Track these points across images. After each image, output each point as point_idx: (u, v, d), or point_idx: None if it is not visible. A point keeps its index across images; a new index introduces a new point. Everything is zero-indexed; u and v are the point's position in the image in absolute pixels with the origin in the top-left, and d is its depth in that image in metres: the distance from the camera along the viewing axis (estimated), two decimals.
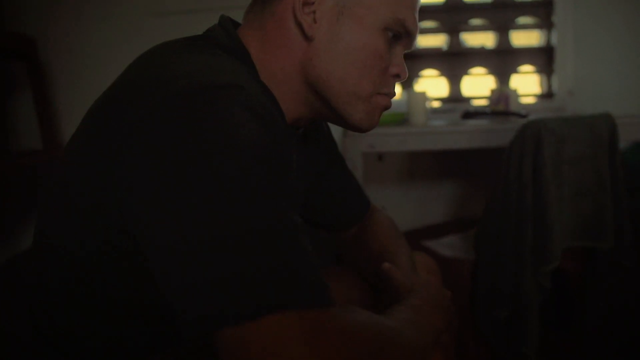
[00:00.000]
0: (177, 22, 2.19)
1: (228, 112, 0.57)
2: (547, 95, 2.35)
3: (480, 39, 2.40)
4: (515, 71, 2.36)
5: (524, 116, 1.81)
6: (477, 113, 1.96)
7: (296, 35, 0.75)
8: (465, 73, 2.37)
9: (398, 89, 2.27)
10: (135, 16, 2.24)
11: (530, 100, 2.36)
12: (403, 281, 0.85)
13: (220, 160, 0.54)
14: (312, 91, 0.78)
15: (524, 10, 2.35)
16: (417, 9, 0.80)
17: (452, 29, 2.36)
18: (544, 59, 2.34)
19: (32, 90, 2.12)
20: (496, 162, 1.57)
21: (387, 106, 0.82)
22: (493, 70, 2.37)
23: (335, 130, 1.10)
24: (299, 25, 0.74)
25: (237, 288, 0.50)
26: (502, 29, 2.35)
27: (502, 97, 1.96)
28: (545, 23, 2.32)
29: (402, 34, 0.79)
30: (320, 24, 0.74)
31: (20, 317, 0.81)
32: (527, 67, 2.36)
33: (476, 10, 2.36)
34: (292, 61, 0.76)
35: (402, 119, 1.94)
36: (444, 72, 2.38)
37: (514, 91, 1.97)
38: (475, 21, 2.37)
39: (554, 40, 2.28)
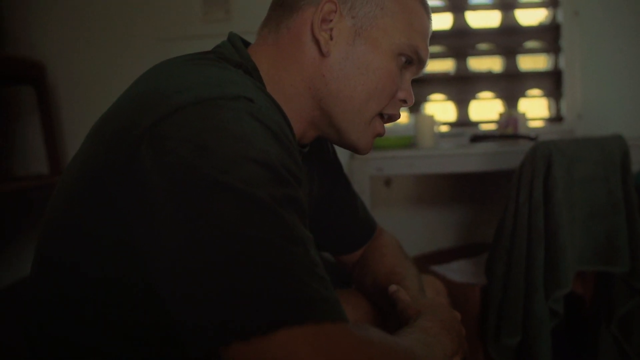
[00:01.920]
0: (186, 48, 2.21)
1: (237, 123, 0.56)
2: (556, 119, 2.34)
3: (488, 63, 2.40)
4: (523, 95, 2.35)
5: (533, 139, 1.79)
6: (486, 136, 1.94)
7: (311, 51, 0.76)
8: (473, 97, 2.36)
9: (405, 112, 2.28)
10: (144, 42, 2.27)
11: (538, 124, 2.34)
12: (411, 304, 0.82)
13: (230, 173, 0.52)
14: (319, 108, 0.79)
15: (530, 34, 2.35)
16: (429, 37, 0.83)
17: (460, 54, 2.36)
18: (551, 82, 2.33)
19: (39, 114, 2.13)
20: (506, 186, 1.55)
21: (381, 133, 0.84)
22: (501, 95, 2.36)
23: (343, 154, 1.09)
24: (316, 41, 0.76)
25: (248, 301, 0.48)
26: (510, 53, 2.35)
27: (511, 120, 1.95)
28: (552, 47, 2.32)
29: (414, 61, 0.81)
30: (337, 42, 0.76)
31: (16, 337, 0.79)
32: (534, 91, 2.35)
33: (483, 35, 2.36)
34: (303, 76, 0.77)
35: (410, 143, 1.92)
36: (452, 97, 2.37)
37: (523, 114, 1.96)
38: (483, 46, 2.37)
39: (562, 64, 2.28)
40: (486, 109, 2.39)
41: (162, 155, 0.54)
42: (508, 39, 2.34)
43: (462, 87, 2.37)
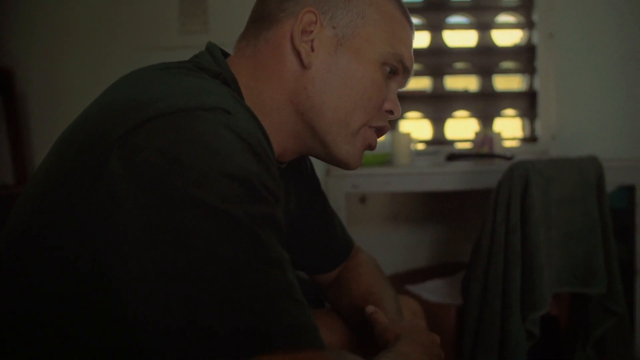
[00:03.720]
0: (163, 59, 2.17)
1: (213, 135, 0.53)
2: (530, 139, 2.36)
3: (464, 82, 2.41)
4: (498, 115, 2.37)
5: (509, 158, 1.80)
6: (462, 155, 1.94)
7: (291, 63, 0.73)
8: (449, 116, 2.37)
9: None
10: (120, 51, 2.22)
11: (513, 144, 2.36)
12: (389, 326, 0.79)
13: (204, 188, 0.50)
14: (302, 121, 0.76)
15: (506, 55, 2.37)
16: (413, 46, 0.81)
17: (437, 72, 2.37)
18: (526, 103, 2.36)
19: (6, 122, 2.07)
20: (481, 205, 1.54)
21: (372, 146, 0.81)
22: (476, 114, 2.37)
23: (319, 170, 1.07)
24: (296, 53, 0.73)
25: (219, 327, 0.46)
26: (486, 73, 2.37)
27: (486, 139, 1.96)
28: (527, 68, 2.35)
29: (399, 70, 0.79)
30: (318, 53, 0.73)
31: None
32: (509, 111, 2.37)
33: (460, 54, 2.38)
34: (284, 89, 0.74)
35: (386, 160, 1.91)
36: (428, 115, 2.37)
37: (498, 134, 1.97)
38: (459, 65, 2.38)
39: (537, 84, 2.30)
40: (462, 127, 2.40)
41: (132, 167, 0.51)
42: (484, 58, 2.36)
43: (438, 105, 2.38)
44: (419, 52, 2.35)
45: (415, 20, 2.41)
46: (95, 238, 0.54)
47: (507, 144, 2.32)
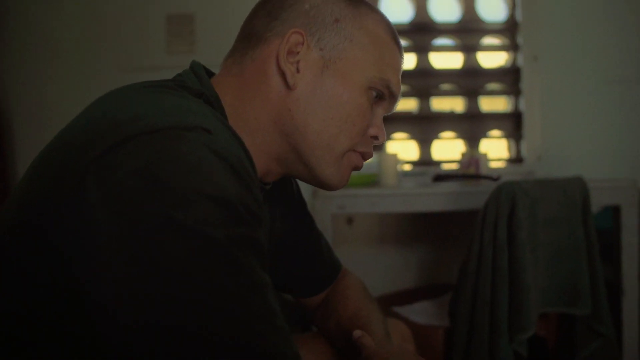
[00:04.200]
0: (149, 79, 2.17)
1: (193, 155, 0.52)
2: (516, 160, 2.37)
3: (450, 103, 2.43)
4: (484, 136, 2.38)
5: (495, 179, 1.80)
6: (449, 176, 1.95)
7: (277, 84, 0.72)
8: (436, 137, 2.38)
9: None
10: (106, 72, 2.21)
11: (499, 164, 2.37)
12: (376, 350, 0.78)
13: (182, 210, 0.48)
14: (285, 143, 0.74)
15: (492, 77, 2.40)
16: (401, 72, 0.80)
17: (423, 93, 2.38)
18: (512, 124, 2.38)
19: None
20: (468, 226, 1.54)
21: (359, 166, 0.80)
22: (463, 135, 2.38)
23: (305, 191, 1.06)
24: (281, 74, 0.72)
25: (199, 354, 0.45)
26: (471, 94, 2.39)
27: (473, 160, 1.96)
28: (512, 89, 2.37)
29: (386, 95, 0.78)
30: (304, 74, 0.72)
31: None
32: (495, 132, 2.39)
33: (446, 75, 2.40)
34: (269, 110, 0.73)
35: (373, 181, 1.91)
36: (415, 136, 2.38)
37: (484, 155, 1.97)
38: (445, 86, 2.40)
39: (522, 106, 2.32)
40: (448, 148, 2.41)
41: (108, 188, 0.50)
42: (470, 80, 2.38)
43: (425, 126, 2.39)
44: (405, 74, 2.35)
45: (401, 41, 2.44)
46: (70, 259, 0.52)
47: (493, 164, 2.34)
